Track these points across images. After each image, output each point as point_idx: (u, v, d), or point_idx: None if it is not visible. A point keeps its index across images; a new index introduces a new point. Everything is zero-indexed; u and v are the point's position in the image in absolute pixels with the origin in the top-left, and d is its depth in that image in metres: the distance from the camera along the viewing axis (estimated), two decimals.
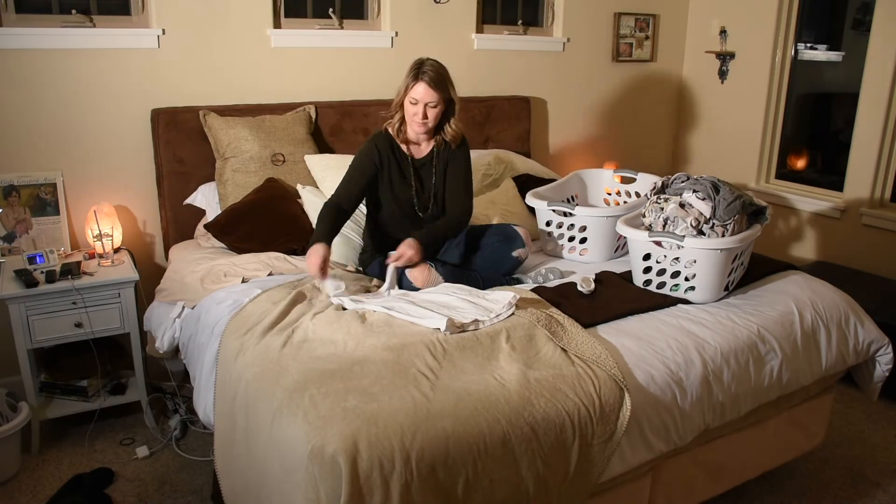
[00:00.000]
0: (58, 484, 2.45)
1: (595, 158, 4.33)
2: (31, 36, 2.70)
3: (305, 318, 2.01)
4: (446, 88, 2.41)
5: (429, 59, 2.43)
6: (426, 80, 2.36)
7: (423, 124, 2.41)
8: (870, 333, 2.40)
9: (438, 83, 2.38)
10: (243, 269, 2.47)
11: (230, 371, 1.91)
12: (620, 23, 4.17)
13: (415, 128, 2.44)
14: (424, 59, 2.43)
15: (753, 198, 2.43)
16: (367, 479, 1.44)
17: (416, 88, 2.37)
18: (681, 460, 2.07)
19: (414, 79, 2.37)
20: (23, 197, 2.79)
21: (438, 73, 2.40)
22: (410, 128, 2.46)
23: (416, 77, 2.37)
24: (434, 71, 2.39)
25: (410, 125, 2.45)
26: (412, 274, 2.33)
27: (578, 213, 2.67)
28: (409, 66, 2.42)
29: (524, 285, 2.43)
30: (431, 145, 2.54)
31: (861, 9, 4.04)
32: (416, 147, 2.54)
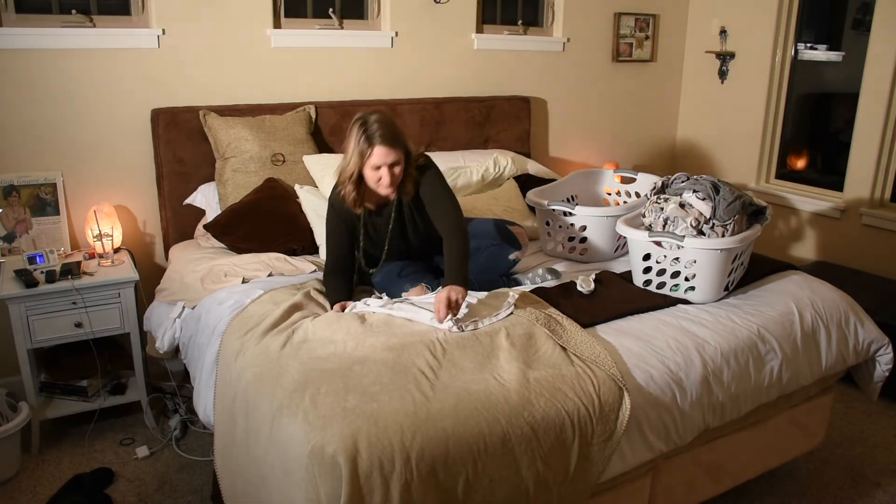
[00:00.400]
0: (58, 484, 2.45)
1: (595, 158, 4.33)
2: (31, 36, 2.70)
3: (306, 319, 2.01)
4: (403, 141, 2.21)
5: (371, 114, 2.19)
6: (382, 143, 2.14)
7: (392, 184, 2.21)
8: (870, 333, 2.40)
9: (395, 139, 2.17)
10: (243, 269, 2.47)
11: (230, 371, 1.91)
12: (620, 23, 4.17)
13: (382, 191, 2.23)
14: (365, 116, 2.18)
15: (753, 198, 2.43)
16: (367, 478, 1.44)
17: (376, 153, 2.13)
18: (681, 460, 2.07)
19: (368, 143, 2.14)
20: (23, 197, 2.79)
21: (389, 128, 2.17)
22: (376, 192, 2.26)
23: (370, 141, 2.14)
24: (385, 127, 2.16)
25: (376, 189, 2.24)
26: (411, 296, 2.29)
27: (578, 212, 2.67)
28: (353, 128, 2.17)
29: (523, 287, 2.43)
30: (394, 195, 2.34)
31: (861, 9, 4.04)
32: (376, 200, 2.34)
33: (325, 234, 2.39)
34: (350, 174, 2.21)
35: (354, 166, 2.19)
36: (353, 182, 2.22)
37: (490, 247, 2.45)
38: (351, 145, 2.18)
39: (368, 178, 2.21)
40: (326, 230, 2.38)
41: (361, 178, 2.23)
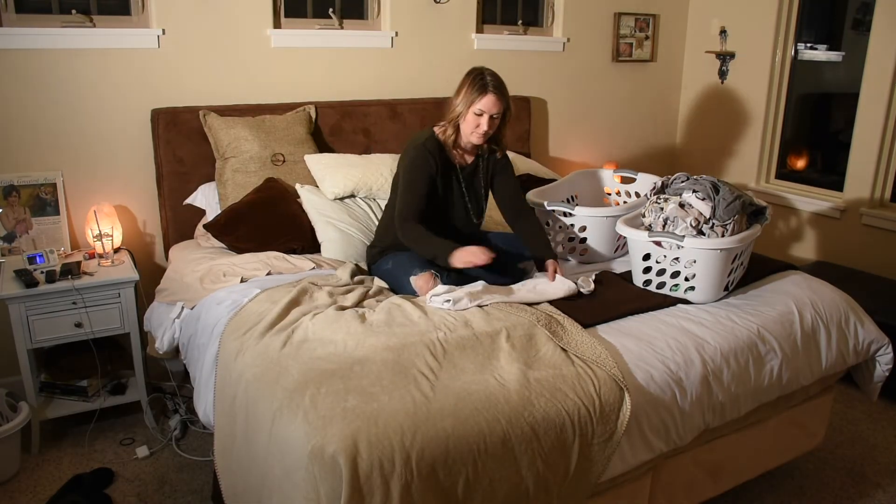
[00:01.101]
0: (58, 484, 2.45)
1: (595, 158, 4.33)
2: (31, 36, 2.70)
3: (305, 318, 2.01)
4: (508, 97, 2.39)
5: (485, 68, 2.40)
6: (494, 91, 2.33)
7: (486, 135, 2.39)
8: (870, 333, 2.40)
9: (504, 93, 2.37)
10: (242, 268, 2.47)
11: (230, 371, 1.91)
12: (620, 23, 4.17)
13: (474, 139, 2.41)
14: (482, 68, 2.40)
15: (753, 198, 2.43)
16: (368, 479, 1.44)
17: (484, 100, 2.33)
18: (681, 460, 2.07)
19: (480, 91, 2.33)
20: (23, 197, 2.79)
21: (501, 81, 2.38)
22: (467, 138, 2.43)
23: (483, 89, 2.33)
24: (498, 80, 2.37)
25: (469, 136, 2.41)
26: (417, 282, 2.30)
27: (578, 213, 2.67)
28: (468, 77, 2.38)
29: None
30: (475, 153, 2.54)
31: (861, 9, 4.04)
32: (462, 155, 2.52)
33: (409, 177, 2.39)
34: (454, 116, 2.40)
35: (462, 108, 2.37)
36: (453, 125, 2.41)
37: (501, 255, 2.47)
38: (463, 90, 2.37)
39: (468, 122, 2.37)
40: (410, 173, 2.39)
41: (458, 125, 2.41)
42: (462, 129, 2.42)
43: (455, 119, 2.41)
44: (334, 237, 2.68)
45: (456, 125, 2.42)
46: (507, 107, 2.40)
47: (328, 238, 2.69)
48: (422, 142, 2.42)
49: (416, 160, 2.40)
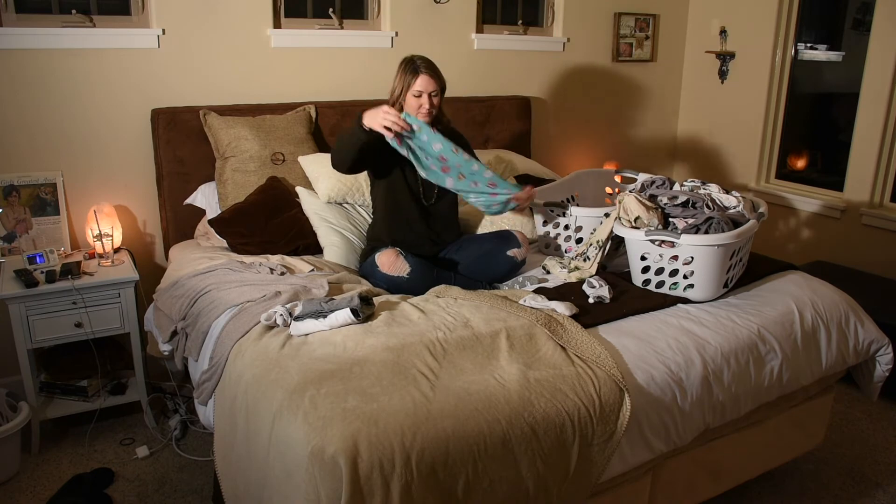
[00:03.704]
0: (58, 484, 2.45)
1: (595, 158, 4.33)
2: (31, 36, 2.70)
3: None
4: (441, 76, 2.51)
5: (414, 54, 2.52)
6: (426, 71, 2.45)
7: (430, 113, 2.47)
8: (870, 333, 2.40)
9: (436, 71, 2.49)
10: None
11: (230, 372, 1.91)
12: (620, 23, 4.17)
13: (421, 118, 2.46)
14: (411, 55, 2.51)
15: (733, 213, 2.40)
16: (368, 479, 1.44)
17: (419, 81, 2.44)
18: (681, 460, 2.07)
19: (413, 73, 2.45)
20: (23, 197, 2.79)
21: (432, 63, 2.50)
22: None
23: (416, 71, 2.45)
24: (427, 61, 2.49)
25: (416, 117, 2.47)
26: (380, 259, 2.37)
27: (574, 212, 2.68)
28: (400, 66, 2.50)
29: (526, 287, 2.43)
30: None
31: (861, 9, 4.04)
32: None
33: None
34: (394, 101, 2.51)
35: (399, 93, 2.49)
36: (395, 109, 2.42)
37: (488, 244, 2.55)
38: (397, 78, 2.49)
39: (410, 105, 2.48)
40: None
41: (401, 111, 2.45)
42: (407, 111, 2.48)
43: (395, 105, 2.50)
44: (337, 242, 2.68)
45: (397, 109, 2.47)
46: (443, 85, 2.52)
47: (331, 243, 2.69)
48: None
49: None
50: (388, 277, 2.35)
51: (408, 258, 2.37)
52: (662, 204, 2.42)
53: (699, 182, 2.56)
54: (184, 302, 2.35)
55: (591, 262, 2.49)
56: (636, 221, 2.34)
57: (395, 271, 2.34)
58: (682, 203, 2.40)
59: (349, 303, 1.95)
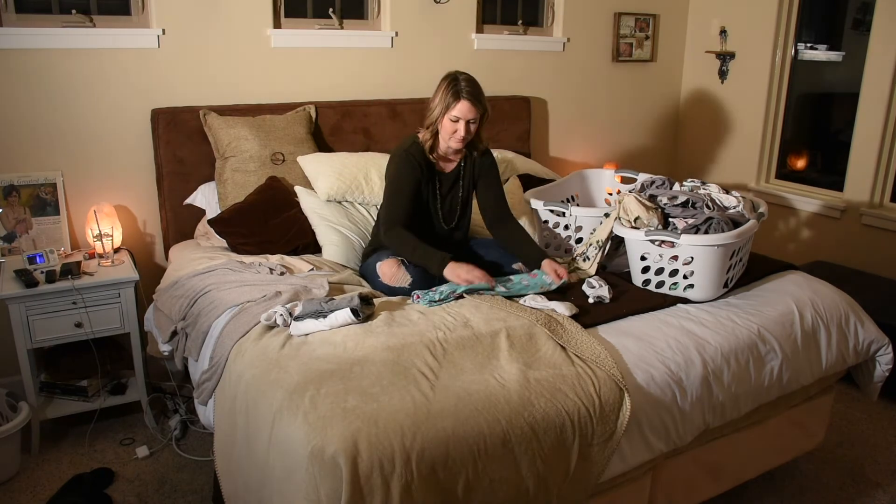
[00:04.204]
0: (58, 484, 2.45)
1: (595, 158, 4.33)
2: (31, 36, 2.70)
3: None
4: (484, 102, 2.40)
5: (461, 72, 2.41)
6: (468, 98, 2.34)
7: (464, 140, 2.41)
8: (870, 333, 2.40)
9: (479, 98, 2.37)
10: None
11: (230, 372, 1.91)
12: (620, 23, 4.17)
13: (453, 144, 2.43)
14: (457, 73, 2.40)
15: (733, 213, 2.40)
16: (368, 479, 1.44)
17: (459, 107, 2.34)
18: (681, 460, 2.07)
19: (455, 97, 2.34)
20: (23, 197, 2.79)
21: (476, 86, 2.38)
22: (446, 143, 2.45)
23: (457, 95, 2.34)
24: (473, 85, 2.37)
25: (447, 141, 2.44)
26: (381, 268, 2.34)
27: (574, 212, 2.68)
28: (443, 83, 2.39)
29: None
30: (458, 158, 2.55)
31: (861, 9, 4.04)
32: (444, 162, 2.54)
33: (395, 186, 2.42)
34: (430, 122, 2.41)
35: (438, 114, 2.38)
36: (431, 131, 2.43)
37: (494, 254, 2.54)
38: (438, 96, 2.38)
39: (445, 128, 2.39)
40: (396, 182, 2.42)
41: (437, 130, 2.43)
42: (440, 135, 2.44)
43: (432, 125, 2.43)
44: (336, 241, 2.69)
45: (434, 131, 2.44)
46: (485, 111, 2.41)
47: (329, 241, 2.69)
48: (406, 148, 2.45)
49: (403, 166, 2.42)
50: (390, 289, 2.33)
51: (409, 268, 2.34)
52: (662, 204, 2.42)
53: (699, 182, 2.56)
54: (184, 302, 2.35)
55: (591, 262, 2.49)
56: (636, 221, 2.34)
57: (396, 282, 2.32)
58: (682, 203, 2.41)
59: (349, 303, 1.95)
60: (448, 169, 2.55)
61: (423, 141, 2.46)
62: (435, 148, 2.49)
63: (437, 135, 2.45)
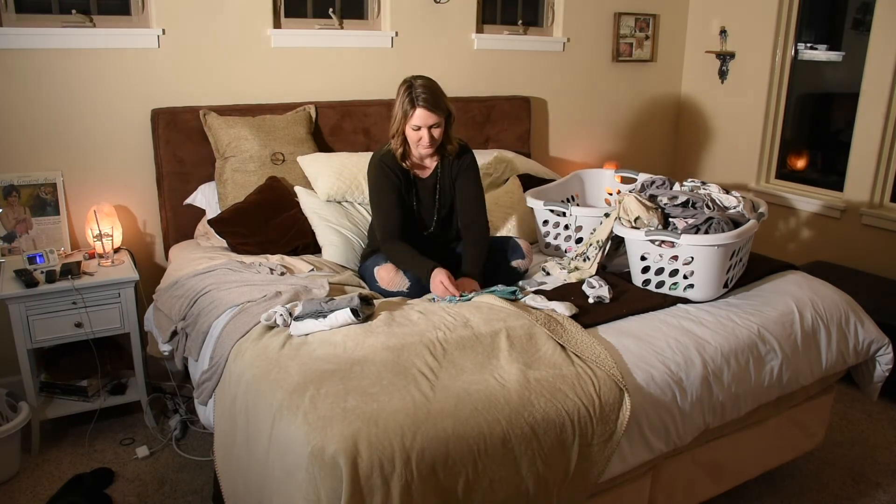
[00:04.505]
0: (58, 484, 2.45)
1: (595, 158, 4.33)
2: (31, 36, 2.70)
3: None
4: (444, 105, 2.35)
5: (417, 77, 2.35)
6: (424, 105, 2.29)
7: (431, 146, 2.38)
8: (870, 333, 2.40)
9: (435, 103, 2.31)
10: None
11: (230, 372, 1.91)
12: (620, 23, 4.17)
13: (422, 151, 2.41)
14: (412, 79, 2.34)
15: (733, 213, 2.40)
16: (368, 479, 1.44)
17: (417, 115, 2.30)
18: (681, 460, 2.07)
19: (411, 105, 2.30)
20: (23, 197, 2.79)
21: (432, 92, 2.32)
22: (416, 151, 2.43)
23: (412, 103, 2.30)
24: (428, 91, 2.31)
25: (416, 149, 2.42)
26: (379, 273, 2.35)
27: (574, 212, 2.68)
28: (399, 90, 2.35)
29: (527, 288, 2.43)
30: (435, 162, 2.53)
31: (861, 9, 4.04)
32: (421, 168, 2.53)
33: (377, 198, 2.42)
34: (395, 131, 2.39)
35: (398, 124, 2.36)
36: (398, 139, 2.40)
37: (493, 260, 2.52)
38: (397, 104, 2.35)
39: (410, 137, 2.37)
40: (377, 194, 2.42)
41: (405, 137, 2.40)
42: (410, 143, 2.42)
43: (397, 133, 2.39)
44: (336, 241, 2.69)
45: (401, 138, 2.41)
46: (448, 113, 2.37)
47: (329, 242, 2.69)
48: (379, 157, 2.44)
49: (379, 179, 2.42)
50: (387, 293, 2.34)
51: (407, 273, 2.35)
52: (662, 204, 2.42)
53: (699, 182, 2.56)
54: (184, 302, 2.35)
55: (591, 262, 2.49)
56: (636, 221, 2.34)
57: (394, 287, 2.33)
58: (682, 203, 2.40)
59: (349, 303, 1.95)
60: (425, 175, 2.52)
61: (394, 149, 2.43)
62: (407, 155, 2.45)
63: (406, 142, 2.42)
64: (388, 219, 2.41)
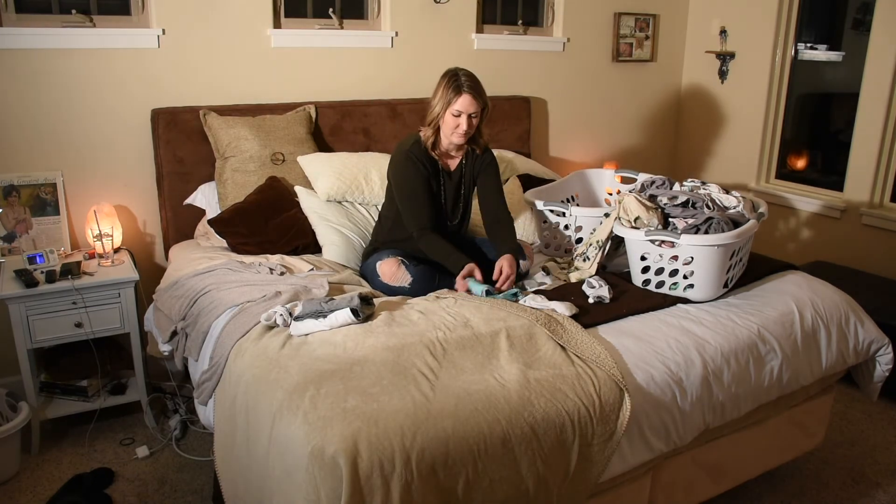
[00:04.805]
0: (58, 484, 2.45)
1: (595, 158, 4.33)
2: (31, 36, 2.70)
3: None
4: (485, 96, 2.42)
5: (460, 69, 2.42)
6: (469, 91, 2.36)
7: (466, 135, 2.41)
8: (870, 333, 2.40)
9: (480, 92, 2.39)
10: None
11: (230, 372, 1.91)
12: (620, 23, 4.17)
13: (455, 140, 2.44)
14: (457, 69, 2.42)
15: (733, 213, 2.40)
16: (368, 479, 1.44)
17: (461, 101, 2.35)
18: (681, 460, 2.07)
19: (456, 91, 2.36)
20: (23, 197, 2.79)
21: (476, 81, 2.40)
22: (449, 140, 2.46)
23: (458, 90, 2.36)
24: (473, 80, 2.39)
25: (450, 137, 2.44)
26: (381, 268, 2.35)
27: (574, 212, 2.68)
28: (443, 79, 2.41)
29: (527, 289, 2.43)
30: (461, 155, 2.56)
31: (861, 9, 4.04)
32: (448, 160, 2.55)
33: (408, 190, 2.43)
34: (431, 119, 2.42)
35: (439, 110, 2.39)
36: (433, 128, 2.44)
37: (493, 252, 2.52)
38: (439, 93, 2.39)
39: (447, 123, 2.40)
40: (408, 185, 2.43)
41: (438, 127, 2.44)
42: (442, 131, 2.45)
43: (434, 121, 2.43)
44: (336, 241, 2.69)
45: (435, 127, 2.45)
46: (485, 105, 2.43)
47: (330, 241, 2.69)
48: (407, 149, 2.45)
49: (408, 170, 2.43)
50: (389, 288, 2.34)
51: (409, 268, 2.35)
52: (662, 204, 2.42)
53: (699, 182, 2.56)
54: (184, 302, 2.35)
55: (591, 262, 2.49)
56: (636, 221, 2.34)
57: (396, 282, 2.33)
58: (682, 203, 2.40)
59: (349, 303, 1.95)
60: (452, 166, 2.56)
61: (424, 139, 2.46)
62: (437, 145, 2.50)
63: (439, 132, 2.46)
64: (423, 210, 2.42)
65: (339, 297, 2.05)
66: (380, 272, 2.35)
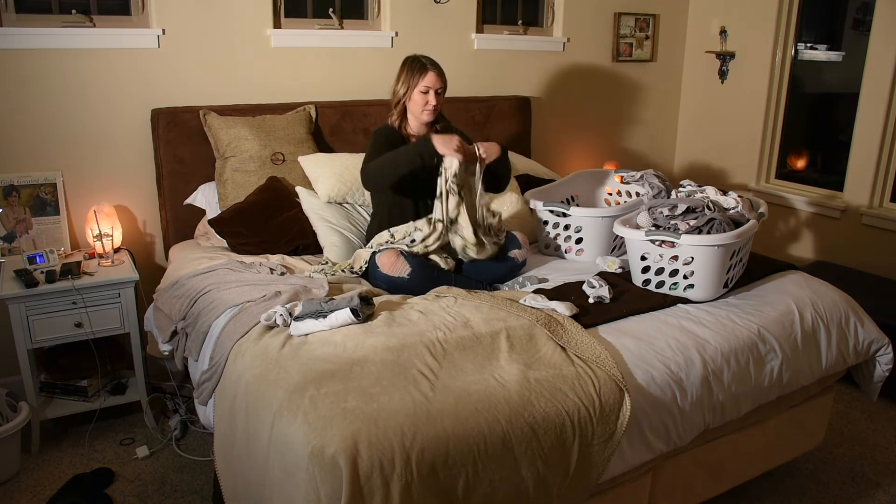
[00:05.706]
0: (58, 484, 2.45)
1: (595, 158, 4.33)
2: (31, 36, 2.70)
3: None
4: (444, 74, 2.58)
5: (416, 53, 2.60)
6: (433, 68, 2.54)
7: (435, 110, 2.56)
8: (870, 333, 2.40)
9: (441, 69, 2.57)
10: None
11: (230, 372, 1.91)
12: (620, 23, 4.17)
13: (425, 117, 2.57)
14: (413, 54, 2.59)
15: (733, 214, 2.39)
16: (368, 479, 1.44)
17: (427, 77, 2.52)
18: (681, 460, 2.07)
19: (421, 70, 2.53)
20: (23, 197, 2.79)
21: (434, 60, 2.58)
22: (418, 119, 2.59)
23: (423, 68, 2.53)
24: (431, 59, 2.57)
25: (420, 116, 2.57)
26: (380, 259, 2.37)
27: (574, 213, 2.68)
28: (404, 64, 2.58)
29: (526, 288, 2.43)
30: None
31: (861, 9, 4.04)
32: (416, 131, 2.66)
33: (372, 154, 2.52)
34: (398, 101, 2.58)
35: (404, 92, 2.55)
36: (399, 111, 2.60)
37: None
38: (402, 77, 2.57)
39: (416, 102, 2.55)
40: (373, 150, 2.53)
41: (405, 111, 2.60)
42: (411, 111, 2.59)
43: (399, 103, 2.59)
44: (337, 242, 2.69)
45: (401, 111, 2.61)
46: (446, 83, 2.58)
47: (331, 243, 2.70)
48: (380, 129, 2.64)
49: (378, 141, 2.57)
50: (388, 278, 2.35)
51: (408, 258, 2.37)
52: (665, 216, 2.39)
53: (696, 186, 2.55)
54: (184, 302, 2.35)
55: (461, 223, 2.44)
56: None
57: (395, 272, 2.34)
58: (683, 212, 2.38)
59: (349, 303, 1.95)
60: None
61: (393, 122, 2.62)
62: (406, 129, 2.64)
63: (405, 116, 2.61)
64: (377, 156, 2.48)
65: (338, 297, 2.05)
66: (379, 263, 2.37)
